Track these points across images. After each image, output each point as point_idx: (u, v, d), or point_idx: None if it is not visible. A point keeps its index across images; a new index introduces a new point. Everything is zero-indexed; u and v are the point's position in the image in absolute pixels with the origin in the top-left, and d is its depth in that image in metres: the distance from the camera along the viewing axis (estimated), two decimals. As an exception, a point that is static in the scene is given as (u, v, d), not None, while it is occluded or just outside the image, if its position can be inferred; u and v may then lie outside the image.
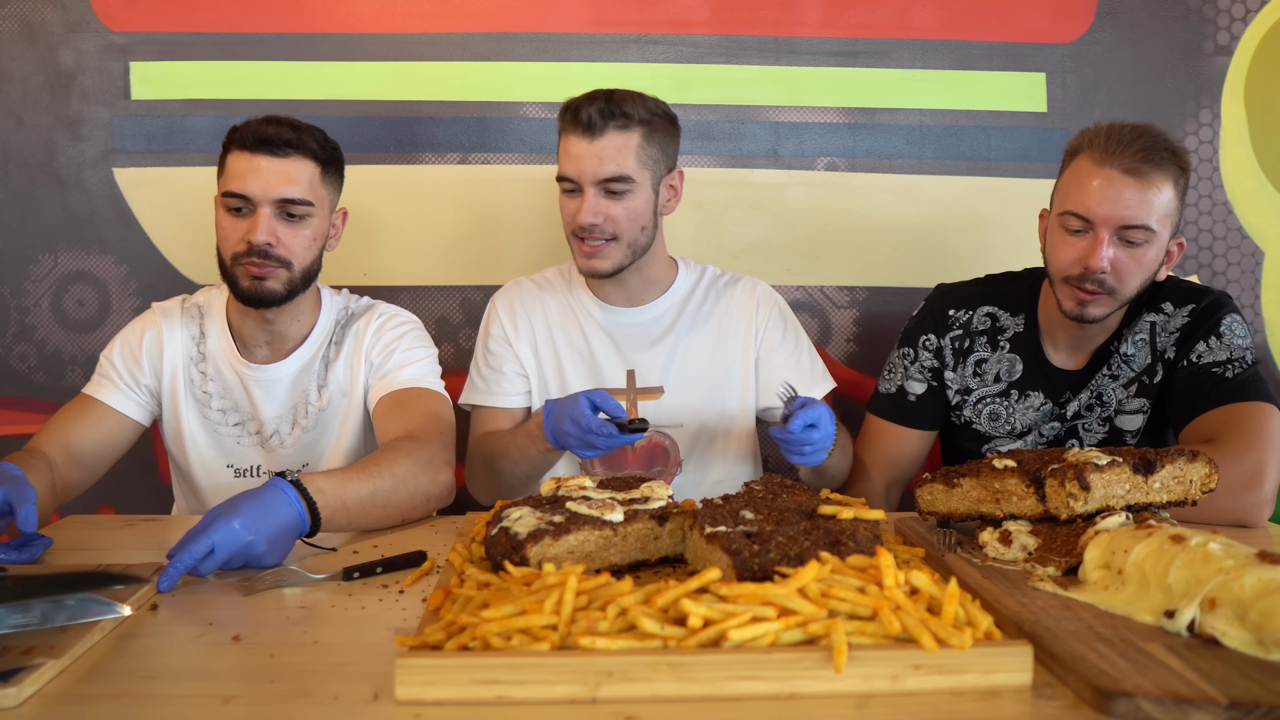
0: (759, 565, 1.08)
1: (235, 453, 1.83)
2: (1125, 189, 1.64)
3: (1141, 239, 1.66)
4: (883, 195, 2.36)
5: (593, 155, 1.76)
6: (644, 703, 0.92)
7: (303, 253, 1.74)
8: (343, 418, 1.84)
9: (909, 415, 1.95)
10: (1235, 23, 2.34)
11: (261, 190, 1.69)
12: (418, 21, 2.28)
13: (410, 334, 1.86)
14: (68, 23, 2.24)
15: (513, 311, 1.95)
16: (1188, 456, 1.34)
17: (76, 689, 0.97)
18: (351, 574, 1.31)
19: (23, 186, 2.27)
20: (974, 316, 1.92)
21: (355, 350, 1.84)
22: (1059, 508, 1.29)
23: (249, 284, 1.71)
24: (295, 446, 1.83)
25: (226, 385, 1.83)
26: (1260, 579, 1.02)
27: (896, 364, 1.97)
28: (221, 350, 1.83)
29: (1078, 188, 1.69)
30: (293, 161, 1.71)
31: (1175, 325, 1.80)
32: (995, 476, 1.36)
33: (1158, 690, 0.90)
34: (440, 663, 0.93)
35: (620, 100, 1.77)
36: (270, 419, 1.82)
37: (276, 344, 1.84)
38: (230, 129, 1.74)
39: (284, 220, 1.72)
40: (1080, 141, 1.73)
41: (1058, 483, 1.29)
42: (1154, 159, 1.64)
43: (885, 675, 0.93)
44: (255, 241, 1.69)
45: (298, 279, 1.75)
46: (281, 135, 1.70)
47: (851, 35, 2.33)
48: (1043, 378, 1.86)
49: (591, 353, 1.92)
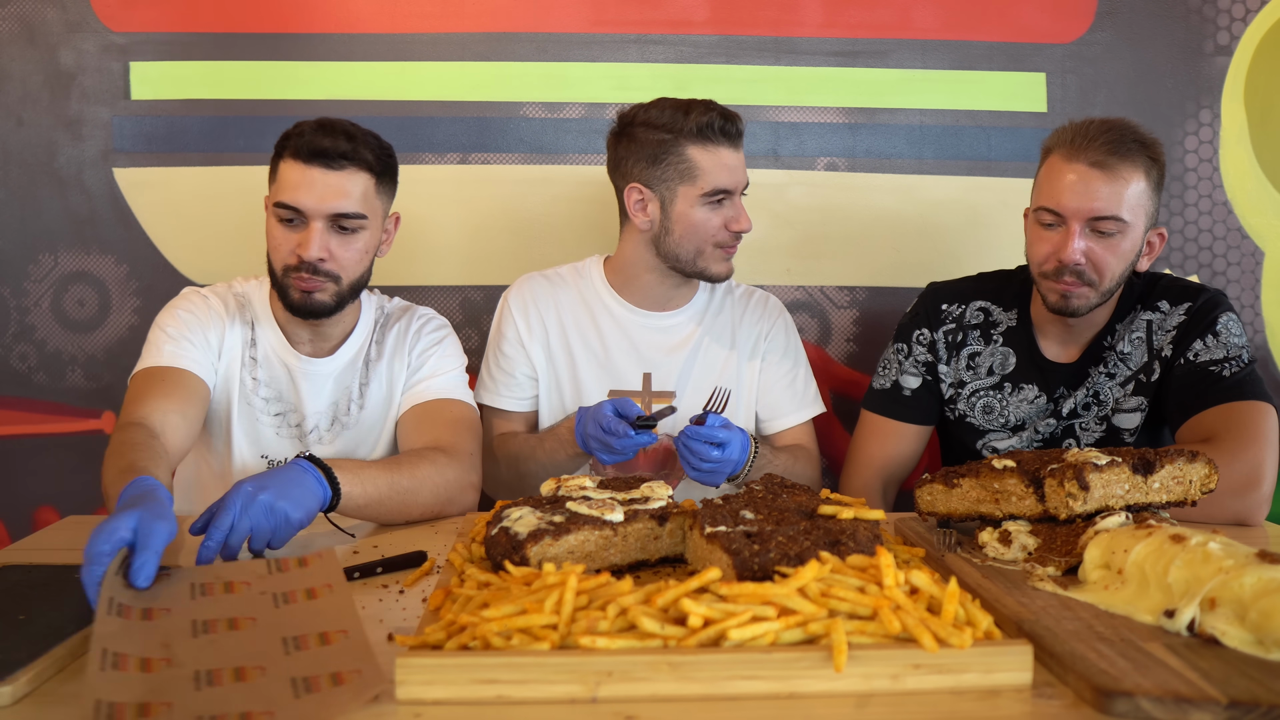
0: (759, 565, 1.08)
1: (272, 444, 1.82)
2: (1093, 181, 1.67)
3: (1113, 229, 1.69)
4: (883, 195, 2.36)
5: (742, 166, 1.84)
6: (644, 702, 0.92)
7: (354, 265, 1.72)
8: (384, 421, 1.84)
9: (904, 410, 1.95)
10: (1235, 23, 2.34)
11: (315, 204, 1.66)
12: (418, 21, 2.28)
13: (446, 340, 1.88)
14: (68, 23, 2.24)
15: (526, 309, 1.96)
16: (1187, 457, 1.34)
17: (71, 688, 0.97)
18: (351, 574, 1.31)
19: (23, 186, 2.27)
20: (966, 311, 1.93)
21: (397, 352, 1.85)
22: (1058, 508, 1.29)
23: (299, 297, 1.71)
24: (334, 445, 1.82)
25: (274, 375, 1.82)
26: (1260, 578, 1.02)
27: (891, 360, 1.98)
28: (270, 342, 1.82)
29: (1049, 184, 1.73)
30: (347, 174, 1.67)
31: (1172, 324, 1.80)
32: (995, 477, 1.36)
33: (1158, 690, 0.90)
34: (440, 662, 0.93)
35: (735, 113, 1.86)
36: (312, 413, 1.82)
37: (319, 342, 1.84)
38: (284, 134, 1.71)
39: (336, 233, 1.69)
40: (1052, 140, 1.76)
41: (1057, 483, 1.29)
42: (1121, 151, 1.67)
43: (885, 675, 0.93)
44: (308, 257, 1.67)
45: (346, 291, 1.74)
46: (337, 147, 1.66)
47: (851, 35, 2.33)
48: (1036, 370, 1.87)
49: (607, 351, 1.94)
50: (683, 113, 1.81)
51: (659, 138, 1.82)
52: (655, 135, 1.82)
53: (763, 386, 1.97)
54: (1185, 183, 2.37)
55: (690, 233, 1.85)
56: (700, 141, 1.80)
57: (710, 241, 1.85)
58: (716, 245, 1.85)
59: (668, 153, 1.81)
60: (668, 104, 1.84)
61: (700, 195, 1.81)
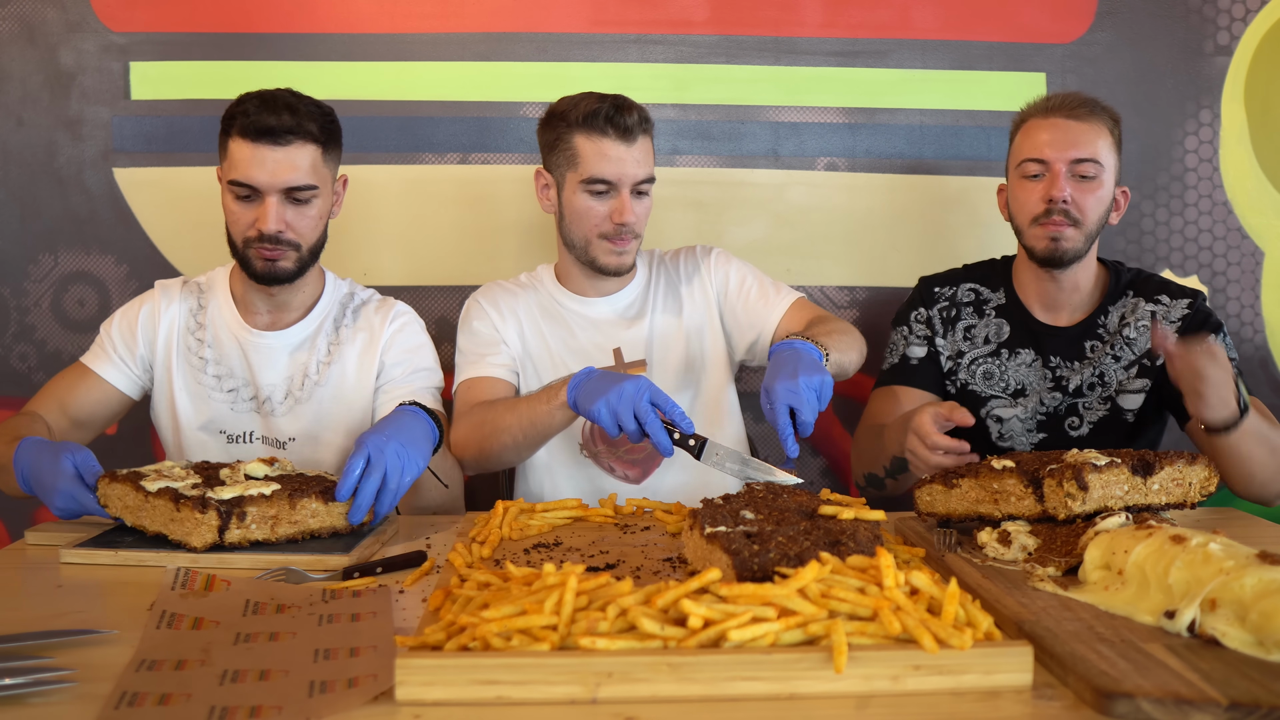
0: (759, 565, 1.08)
1: (229, 419, 1.85)
2: (1071, 129, 1.86)
3: (1092, 172, 1.85)
4: (883, 195, 2.36)
5: (631, 159, 1.83)
6: (644, 703, 0.92)
7: (310, 232, 1.79)
8: (347, 402, 1.86)
9: (913, 376, 2.00)
10: (1235, 23, 2.34)
11: (268, 180, 1.72)
12: (418, 21, 2.28)
13: (423, 349, 1.91)
14: (68, 23, 2.24)
15: (497, 304, 1.96)
16: (1187, 459, 1.34)
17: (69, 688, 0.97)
18: (351, 574, 1.31)
19: (23, 186, 2.27)
20: (958, 291, 2.03)
21: (369, 343, 1.87)
22: (1057, 508, 1.29)
23: (262, 266, 1.76)
24: (288, 418, 1.85)
25: (223, 352, 1.86)
26: (1260, 579, 1.02)
27: (896, 342, 2.04)
28: (224, 318, 1.87)
29: (1030, 140, 1.89)
30: (295, 149, 1.73)
31: (1175, 315, 1.91)
32: (994, 477, 1.36)
33: (1158, 691, 0.90)
34: (440, 663, 0.93)
35: (636, 107, 1.85)
36: (266, 385, 1.85)
37: (278, 313, 1.87)
38: (228, 113, 1.75)
39: (291, 204, 1.75)
40: (1022, 113, 1.95)
41: (1055, 483, 1.29)
42: (1089, 106, 1.88)
43: (885, 676, 0.93)
44: (267, 231, 1.73)
45: (307, 256, 1.80)
46: (282, 123, 1.71)
47: (851, 35, 2.32)
48: (1029, 335, 1.96)
49: (575, 337, 1.94)
50: (576, 103, 1.85)
51: (555, 125, 1.88)
52: (553, 123, 1.88)
53: (731, 315, 1.98)
54: (1185, 183, 2.37)
55: (576, 220, 1.88)
56: (585, 130, 1.83)
57: (595, 231, 1.86)
58: (601, 236, 1.86)
59: (559, 139, 1.86)
60: (576, 95, 1.88)
61: (580, 182, 1.84)
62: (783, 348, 1.64)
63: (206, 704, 0.92)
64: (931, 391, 1.99)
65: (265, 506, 1.40)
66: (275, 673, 0.99)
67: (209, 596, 1.21)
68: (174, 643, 1.07)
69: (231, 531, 1.37)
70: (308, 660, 1.02)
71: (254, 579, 1.29)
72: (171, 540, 1.39)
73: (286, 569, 1.32)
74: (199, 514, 1.35)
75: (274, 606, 1.19)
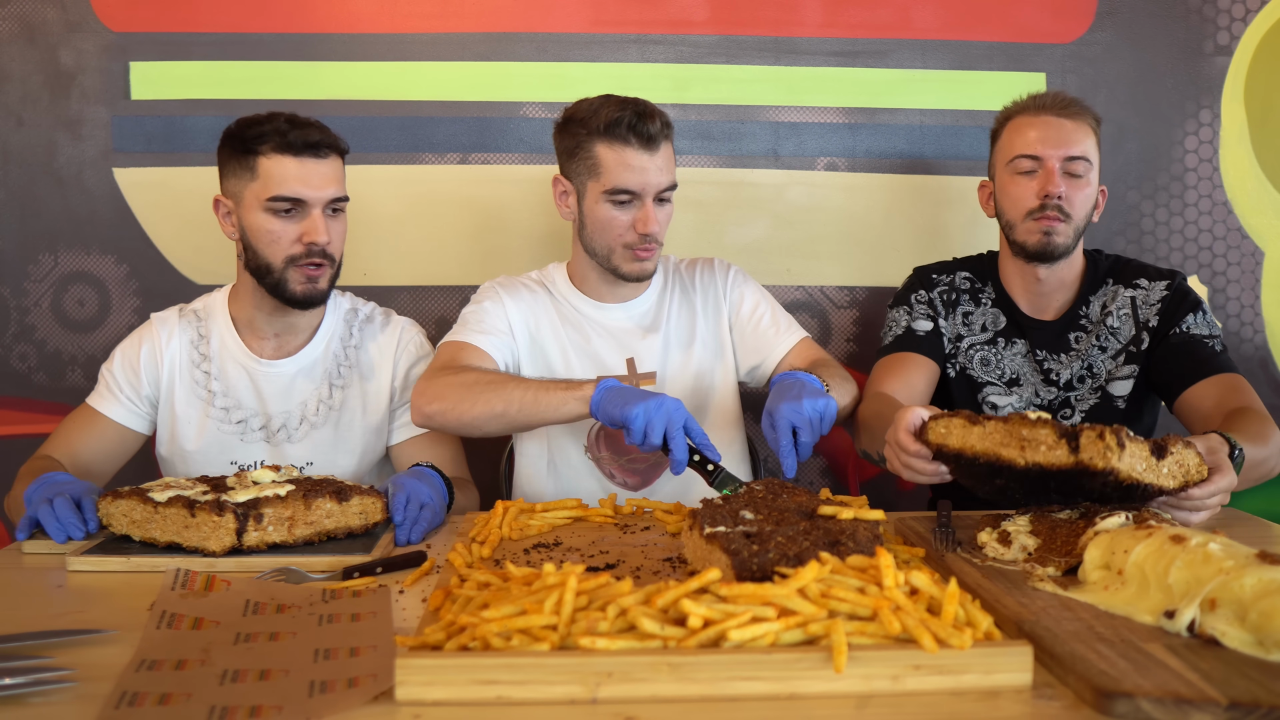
0: (759, 565, 1.08)
1: (239, 449, 1.84)
2: (1064, 128, 1.89)
3: (1081, 170, 1.89)
4: (883, 195, 2.36)
5: (654, 167, 1.81)
6: (644, 703, 0.92)
7: (341, 245, 1.82)
8: (360, 423, 1.87)
9: (918, 345, 1.98)
10: (1235, 23, 2.34)
11: (316, 193, 1.74)
12: (418, 21, 2.28)
13: (427, 359, 1.91)
14: (68, 23, 2.24)
15: (516, 296, 1.94)
16: (1183, 444, 1.33)
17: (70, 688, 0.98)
18: (351, 573, 1.31)
19: (23, 186, 2.27)
20: (955, 278, 2.04)
21: (380, 361, 1.89)
22: (1094, 458, 1.24)
23: (303, 287, 1.76)
24: (305, 443, 1.85)
25: (230, 384, 1.85)
26: (1260, 579, 1.02)
27: (897, 318, 2.02)
28: (228, 348, 1.86)
29: (1021, 137, 1.92)
30: (331, 161, 1.77)
31: (1155, 298, 1.94)
32: (1026, 425, 1.31)
33: (1158, 690, 0.90)
34: (440, 663, 0.93)
35: (657, 113, 1.84)
36: (278, 414, 1.84)
37: (286, 336, 1.87)
38: (247, 134, 1.73)
39: (328, 217, 1.77)
40: (1006, 112, 1.98)
41: (1096, 435, 1.25)
42: (1076, 105, 1.92)
43: (885, 675, 0.93)
44: (320, 241, 1.74)
45: (335, 273, 1.82)
46: (324, 138, 1.75)
47: (851, 35, 2.32)
48: (1019, 328, 1.98)
49: (587, 340, 1.93)
50: (596, 109, 1.82)
51: (575, 132, 1.85)
52: (573, 129, 1.85)
53: (740, 336, 1.97)
54: (1185, 183, 2.37)
55: (599, 230, 1.86)
56: (607, 139, 1.81)
57: (619, 241, 1.85)
58: (625, 245, 1.85)
59: (579, 147, 1.84)
60: (594, 100, 1.85)
61: (603, 192, 1.82)
62: (786, 376, 1.71)
63: (206, 704, 0.93)
64: (934, 361, 1.97)
65: (281, 508, 1.39)
66: (275, 673, 1.00)
67: (209, 596, 1.21)
68: (174, 643, 1.07)
69: (249, 534, 1.37)
70: (308, 660, 1.03)
71: (254, 579, 1.29)
72: (186, 548, 1.38)
73: (286, 569, 1.32)
74: (216, 517, 1.35)
75: (274, 606, 1.19)
